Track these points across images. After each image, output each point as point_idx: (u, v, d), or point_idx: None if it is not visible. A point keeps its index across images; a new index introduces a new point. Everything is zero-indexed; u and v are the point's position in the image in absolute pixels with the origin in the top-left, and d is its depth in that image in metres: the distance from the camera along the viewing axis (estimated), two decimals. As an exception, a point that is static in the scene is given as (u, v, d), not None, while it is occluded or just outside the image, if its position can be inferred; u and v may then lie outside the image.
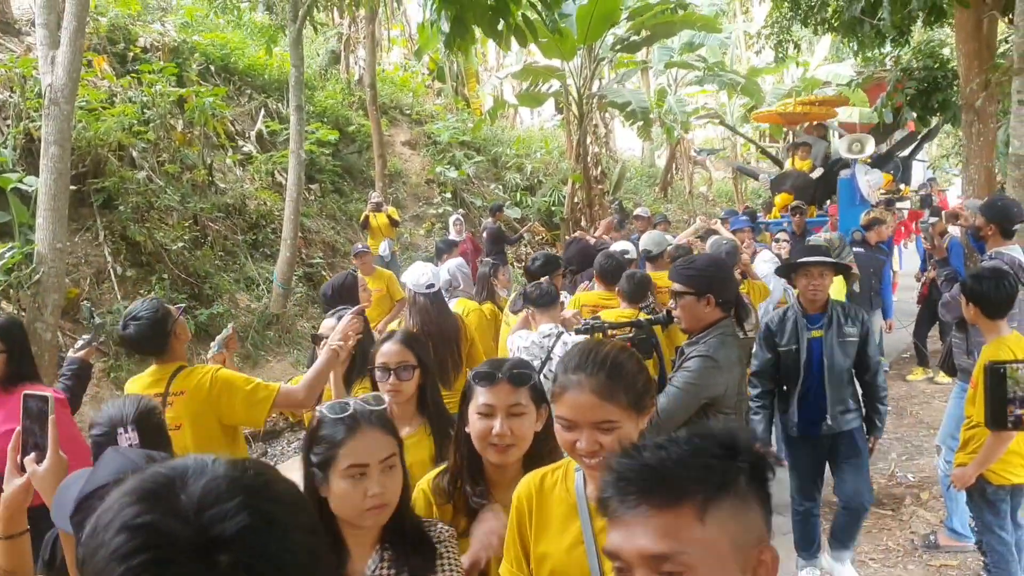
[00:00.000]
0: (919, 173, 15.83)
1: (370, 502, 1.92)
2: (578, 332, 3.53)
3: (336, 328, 3.53)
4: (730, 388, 3.31)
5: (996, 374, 1.37)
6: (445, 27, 4.95)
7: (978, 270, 4.13)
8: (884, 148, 13.88)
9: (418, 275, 4.74)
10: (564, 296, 5.89)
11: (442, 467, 2.41)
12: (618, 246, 6.76)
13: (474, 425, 2.26)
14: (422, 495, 2.35)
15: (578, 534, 1.90)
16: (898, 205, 12.70)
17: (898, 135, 13.89)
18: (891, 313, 8.67)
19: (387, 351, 2.92)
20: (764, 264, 6.53)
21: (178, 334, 3.58)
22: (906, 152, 14.78)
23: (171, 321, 3.54)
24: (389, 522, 2.00)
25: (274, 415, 6.21)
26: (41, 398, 2.30)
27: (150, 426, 2.58)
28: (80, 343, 4.33)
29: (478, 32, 5.66)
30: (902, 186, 14.11)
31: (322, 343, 3.62)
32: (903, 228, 12.69)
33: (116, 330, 3.58)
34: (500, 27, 4.94)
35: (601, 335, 3.50)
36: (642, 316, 4.19)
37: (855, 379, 4.54)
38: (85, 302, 8.60)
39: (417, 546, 2.02)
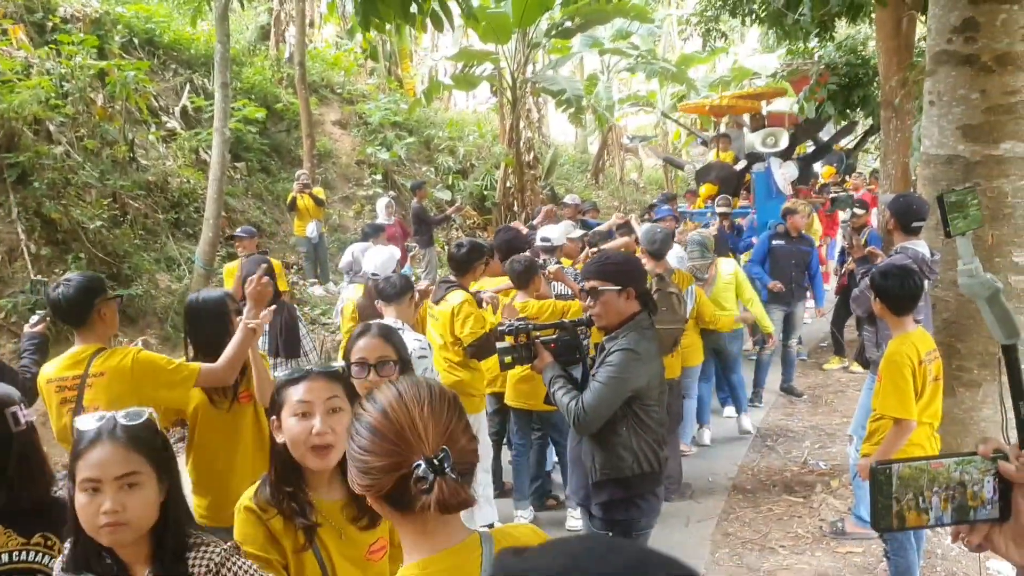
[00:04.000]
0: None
1: (103, 519, 1.81)
2: (503, 334, 3.52)
3: (247, 305, 3.52)
4: (652, 380, 3.36)
5: (882, 475, 1.35)
6: (350, 7, 4.92)
7: (885, 267, 4.27)
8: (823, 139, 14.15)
9: (368, 261, 5.18)
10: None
11: (258, 483, 2.29)
12: (542, 232, 6.78)
13: (291, 429, 2.16)
14: (247, 513, 2.20)
15: None
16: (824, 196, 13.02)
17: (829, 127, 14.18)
18: (822, 302, 8.90)
19: (365, 345, 2.80)
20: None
21: (104, 316, 3.51)
22: (851, 145, 15.11)
23: (100, 297, 3.48)
24: (156, 544, 1.92)
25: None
26: None
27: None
28: (35, 319, 4.45)
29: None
30: (847, 177, 14.48)
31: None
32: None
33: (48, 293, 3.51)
34: (413, 11, 4.91)
35: (525, 337, 3.50)
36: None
37: None
38: (37, 277, 8.34)
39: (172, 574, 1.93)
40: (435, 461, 1.43)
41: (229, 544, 2.04)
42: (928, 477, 1.29)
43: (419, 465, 1.43)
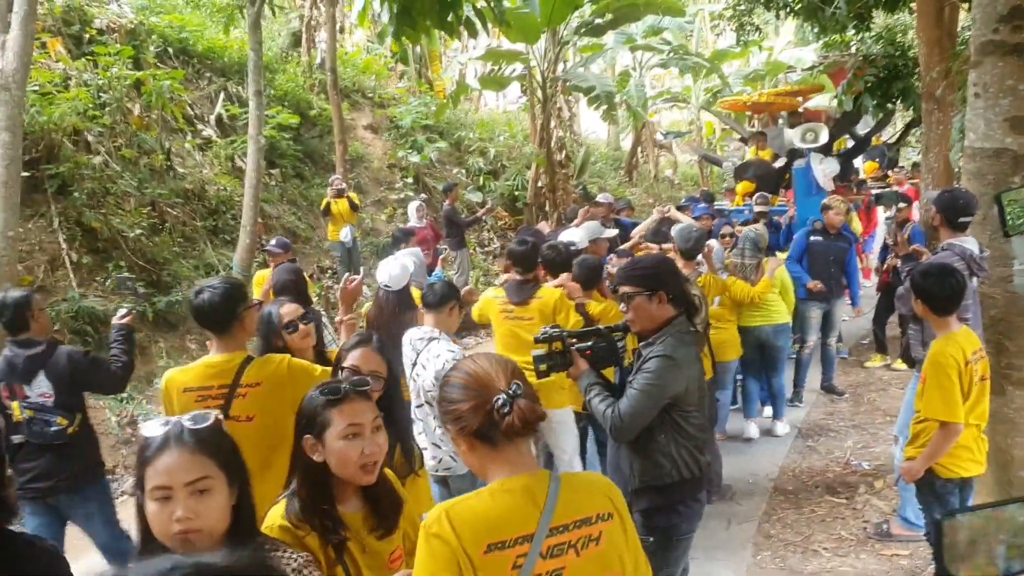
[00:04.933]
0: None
1: (176, 527, 1.75)
2: (537, 341, 3.48)
3: (341, 301, 3.69)
4: (691, 385, 3.31)
5: (948, 529, 1.28)
6: (384, 17, 4.91)
7: (925, 266, 4.17)
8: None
9: (382, 271, 5.13)
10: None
11: (283, 500, 2.27)
12: (565, 236, 6.71)
13: (342, 452, 2.19)
14: (282, 532, 2.18)
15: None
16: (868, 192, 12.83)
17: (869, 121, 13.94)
18: (859, 301, 8.73)
19: (361, 355, 2.85)
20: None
21: (246, 324, 3.56)
22: (893, 138, 14.84)
23: (243, 305, 3.53)
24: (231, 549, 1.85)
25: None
26: None
27: None
28: (122, 311, 4.67)
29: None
30: (889, 172, 14.23)
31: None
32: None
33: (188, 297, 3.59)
34: (449, 19, 4.89)
35: (560, 344, 3.43)
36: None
37: None
38: (123, 274, 8.47)
39: None
40: (509, 392, 1.91)
41: (306, 553, 2.04)
42: (994, 525, 1.24)
43: (499, 399, 1.90)
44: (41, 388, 4.25)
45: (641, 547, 2.06)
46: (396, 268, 5.24)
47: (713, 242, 7.19)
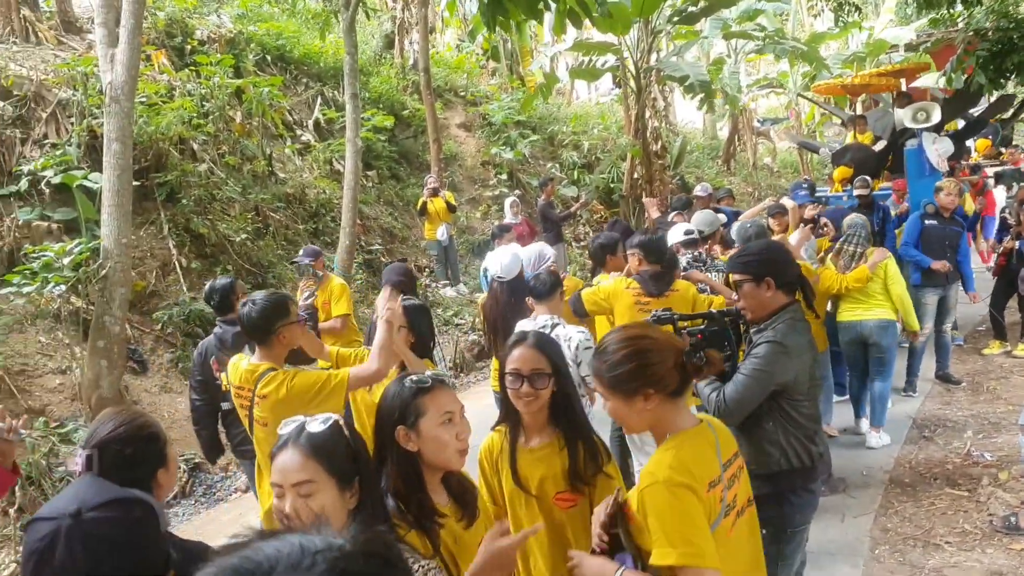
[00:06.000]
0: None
1: (280, 525, 1.80)
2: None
3: (380, 300, 3.70)
4: (800, 374, 3.24)
5: None
6: (473, 7, 4.89)
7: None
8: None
9: (493, 263, 5.21)
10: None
11: None
12: (675, 230, 6.56)
13: (439, 437, 2.23)
14: None
15: None
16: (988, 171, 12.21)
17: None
18: (972, 286, 8.26)
19: (519, 356, 2.77)
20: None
21: (283, 338, 3.68)
22: (1007, 114, 14.10)
23: (281, 322, 3.66)
24: None
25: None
26: None
27: (112, 456, 2.19)
28: (307, 294, 5.39)
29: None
30: (1002, 150, 13.52)
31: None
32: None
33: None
34: (540, 6, 4.81)
35: (671, 327, 3.38)
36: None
37: None
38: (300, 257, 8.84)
39: None
40: (691, 343, 2.21)
41: (434, 564, 2.03)
42: None
43: (687, 351, 2.17)
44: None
45: None
46: (507, 257, 5.22)
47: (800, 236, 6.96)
